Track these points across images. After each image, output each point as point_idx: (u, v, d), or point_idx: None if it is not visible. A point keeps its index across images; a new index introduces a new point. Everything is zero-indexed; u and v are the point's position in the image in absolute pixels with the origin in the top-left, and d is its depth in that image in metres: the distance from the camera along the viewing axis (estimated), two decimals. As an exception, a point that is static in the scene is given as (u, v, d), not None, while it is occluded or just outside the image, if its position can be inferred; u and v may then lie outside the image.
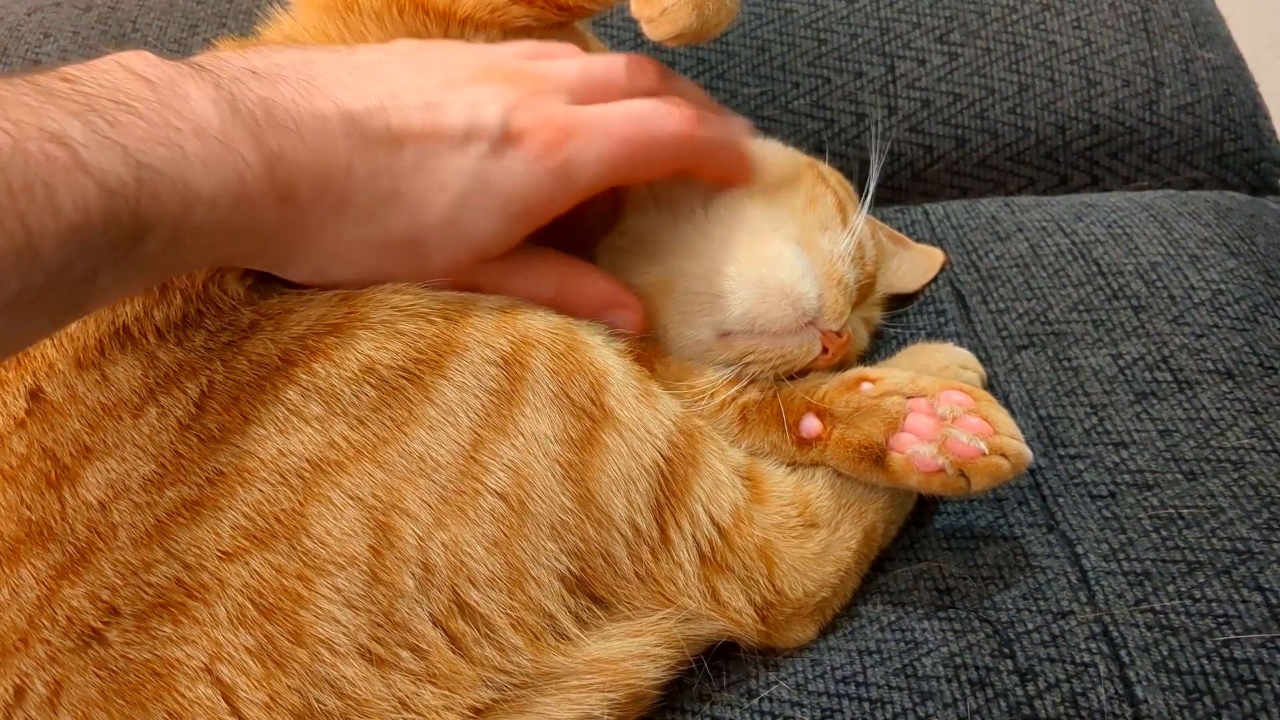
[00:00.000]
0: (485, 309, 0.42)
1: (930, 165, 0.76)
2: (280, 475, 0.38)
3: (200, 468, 0.38)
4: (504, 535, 0.39)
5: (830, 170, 0.56)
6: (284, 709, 0.36)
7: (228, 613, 0.37)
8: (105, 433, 0.39)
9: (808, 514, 0.46)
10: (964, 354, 0.55)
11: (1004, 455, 0.44)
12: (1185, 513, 0.46)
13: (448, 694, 0.38)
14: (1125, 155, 0.75)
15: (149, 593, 0.37)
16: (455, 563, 0.38)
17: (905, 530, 0.50)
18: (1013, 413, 0.47)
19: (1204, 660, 0.41)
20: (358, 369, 0.39)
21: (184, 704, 0.36)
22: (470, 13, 0.48)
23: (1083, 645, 0.42)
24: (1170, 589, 0.43)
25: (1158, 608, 0.43)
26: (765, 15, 0.79)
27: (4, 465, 0.39)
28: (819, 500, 0.47)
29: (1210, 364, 0.53)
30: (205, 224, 0.35)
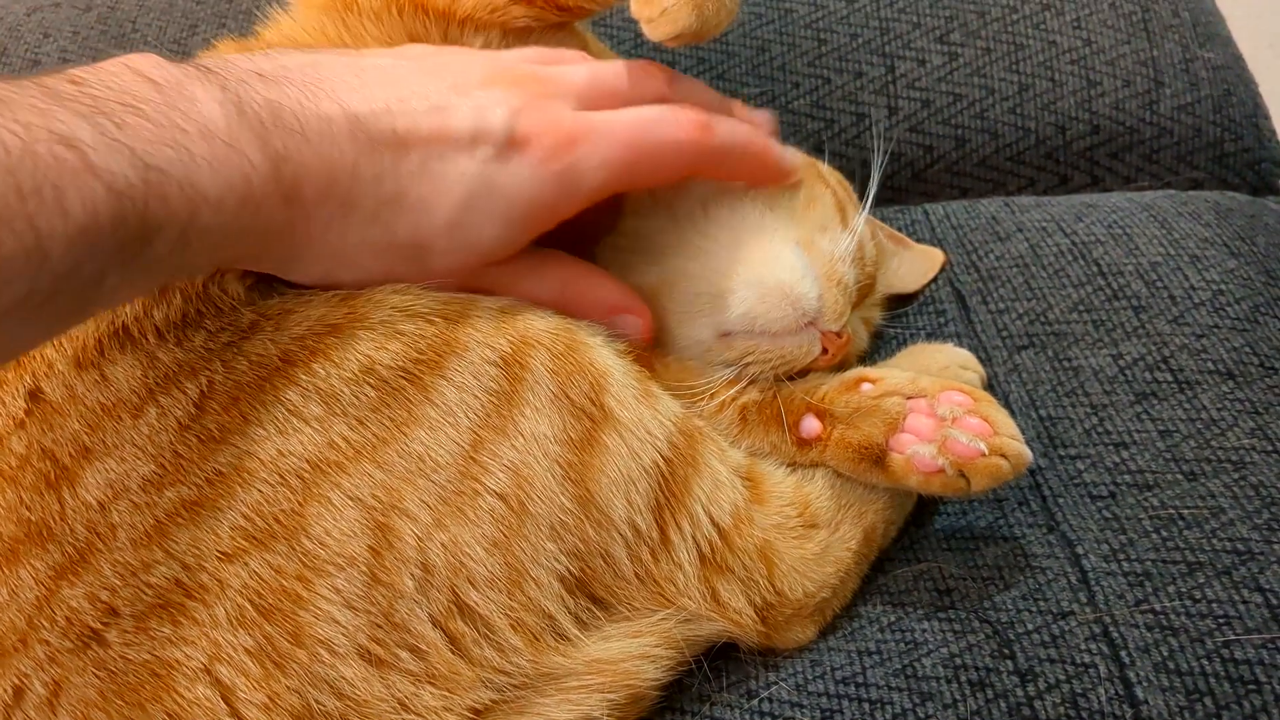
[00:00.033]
0: (485, 309, 0.42)
1: (930, 165, 0.76)
2: (280, 476, 0.38)
3: (200, 468, 0.38)
4: (503, 536, 0.39)
5: (830, 170, 0.56)
6: (283, 710, 0.36)
7: (227, 613, 0.37)
8: (105, 433, 0.38)
9: (808, 514, 0.46)
10: (964, 354, 0.55)
11: (1004, 456, 0.44)
12: (1186, 513, 0.46)
13: (447, 695, 0.38)
14: (1125, 155, 0.75)
15: (148, 593, 0.37)
16: (455, 563, 0.38)
17: (905, 531, 0.50)
18: (1013, 413, 0.47)
19: (1204, 661, 0.41)
20: (357, 369, 0.39)
21: (183, 704, 0.36)
22: (470, 13, 0.48)
23: (1083, 646, 0.42)
24: (1171, 589, 0.43)
25: (1158, 608, 0.43)
26: (765, 15, 0.79)
27: (3, 466, 0.39)
28: (819, 501, 0.47)
29: (1211, 364, 0.53)
30: (212, 225, 0.35)
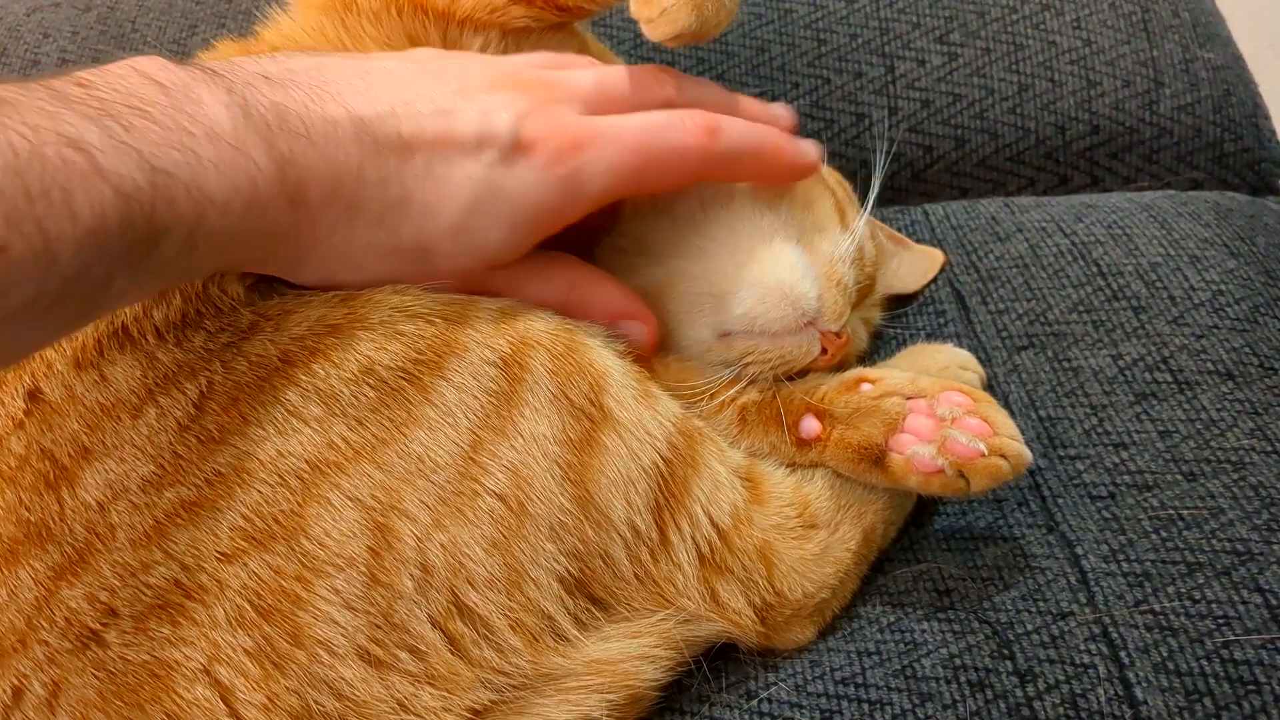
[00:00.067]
0: (485, 310, 0.42)
1: (930, 166, 0.76)
2: (279, 476, 0.38)
3: (199, 469, 0.38)
4: (503, 536, 0.39)
5: (829, 170, 0.56)
6: (282, 710, 0.36)
7: (226, 614, 0.37)
8: (104, 433, 0.38)
9: (807, 515, 0.46)
10: (964, 355, 0.55)
11: (1003, 456, 0.44)
12: (1185, 514, 0.46)
13: (446, 695, 0.38)
14: (1125, 156, 0.75)
15: (147, 594, 0.37)
16: (454, 564, 0.38)
17: (905, 531, 0.50)
18: (1012, 413, 0.47)
19: (1204, 661, 0.41)
20: (357, 370, 0.39)
21: (182, 705, 0.36)
22: (469, 13, 0.48)
23: (1082, 646, 0.42)
24: (1170, 590, 0.43)
25: (1158, 609, 0.43)
26: (765, 15, 0.79)
27: (2, 466, 0.39)
28: (818, 501, 0.47)
29: (1210, 365, 0.53)
30: (218, 228, 0.35)
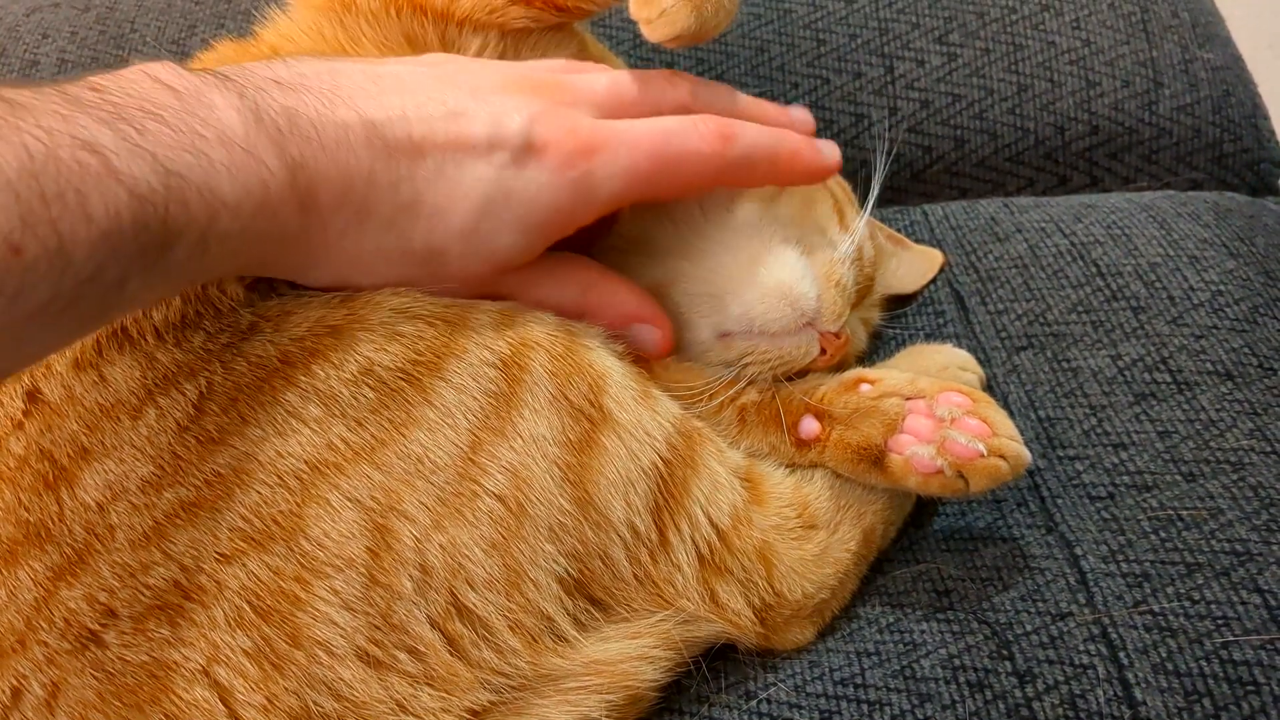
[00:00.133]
0: (484, 312, 0.42)
1: (929, 166, 0.76)
2: (278, 477, 0.38)
3: (198, 469, 0.38)
4: (502, 537, 0.39)
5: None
6: (281, 711, 0.36)
7: (225, 615, 0.37)
8: (103, 434, 0.38)
9: (806, 515, 0.46)
10: (963, 355, 0.55)
11: (1002, 457, 0.44)
12: (1184, 514, 0.46)
13: (445, 696, 0.38)
14: (1124, 156, 0.75)
15: (146, 594, 0.37)
16: (453, 565, 0.38)
17: (904, 532, 0.50)
18: (1011, 414, 0.47)
19: (1203, 662, 0.41)
20: (356, 371, 0.39)
21: (181, 706, 0.36)
22: (468, 13, 0.48)
23: (1081, 647, 0.42)
24: (1169, 590, 0.43)
25: (1157, 609, 0.43)
26: (764, 16, 0.79)
27: (2, 467, 0.39)
28: (818, 502, 0.47)
29: (1209, 365, 0.53)
30: (230, 230, 0.35)
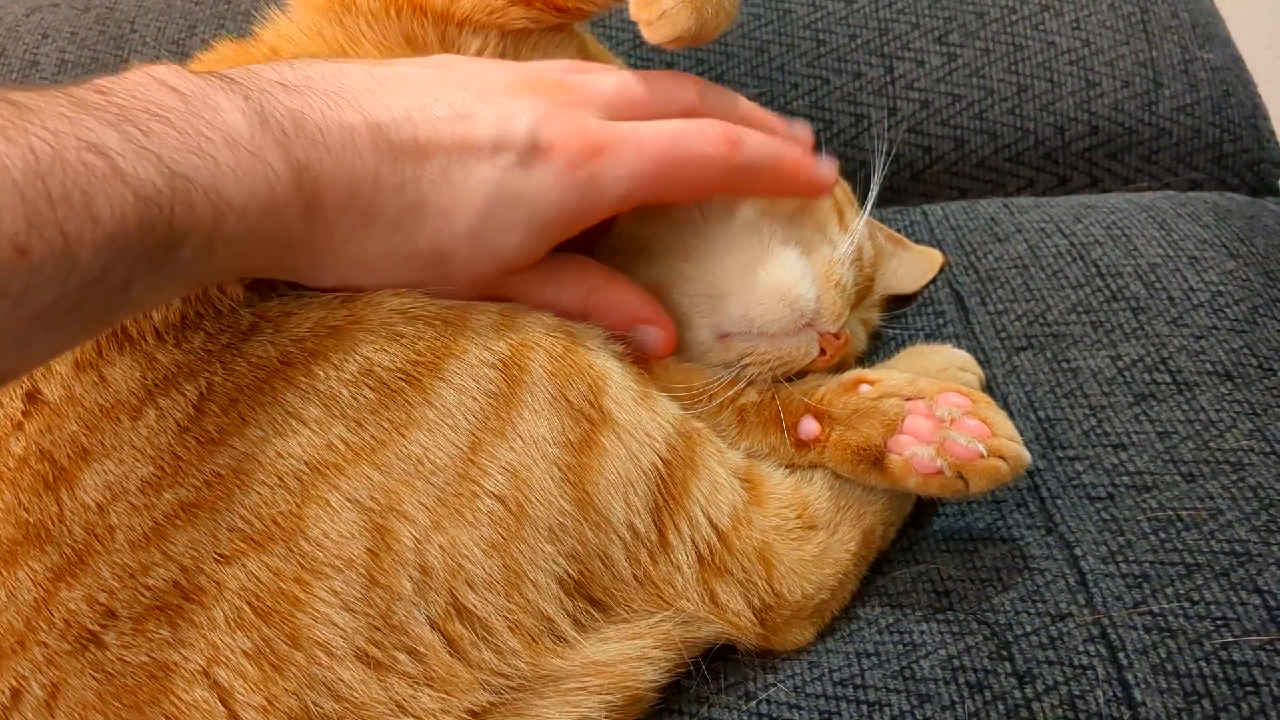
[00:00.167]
0: (484, 312, 0.42)
1: (929, 166, 0.76)
2: (278, 478, 0.38)
3: (198, 470, 0.38)
4: (502, 538, 0.39)
5: (828, 171, 0.56)
6: (281, 712, 0.36)
7: (225, 615, 0.37)
8: (103, 434, 0.38)
9: (806, 516, 0.46)
10: (963, 355, 0.55)
11: (1002, 457, 0.44)
12: (1184, 515, 0.46)
13: (445, 697, 0.38)
14: (1124, 156, 0.75)
15: (146, 595, 0.37)
16: (453, 565, 0.38)
17: (904, 532, 0.50)
18: (1011, 414, 0.47)
19: (1202, 663, 0.41)
20: (356, 371, 0.39)
21: (181, 707, 0.36)
22: (468, 14, 0.48)
23: (1081, 648, 0.42)
24: (1169, 591, 0.43)
25: (1156, 610, 0.43)
26: (764, 16, 0.79)
27: (1, 467, 0.39)
28: (817, 502, 0.47)
29: (1209, 365, 0.53)
30: (235, 233, 0.35)
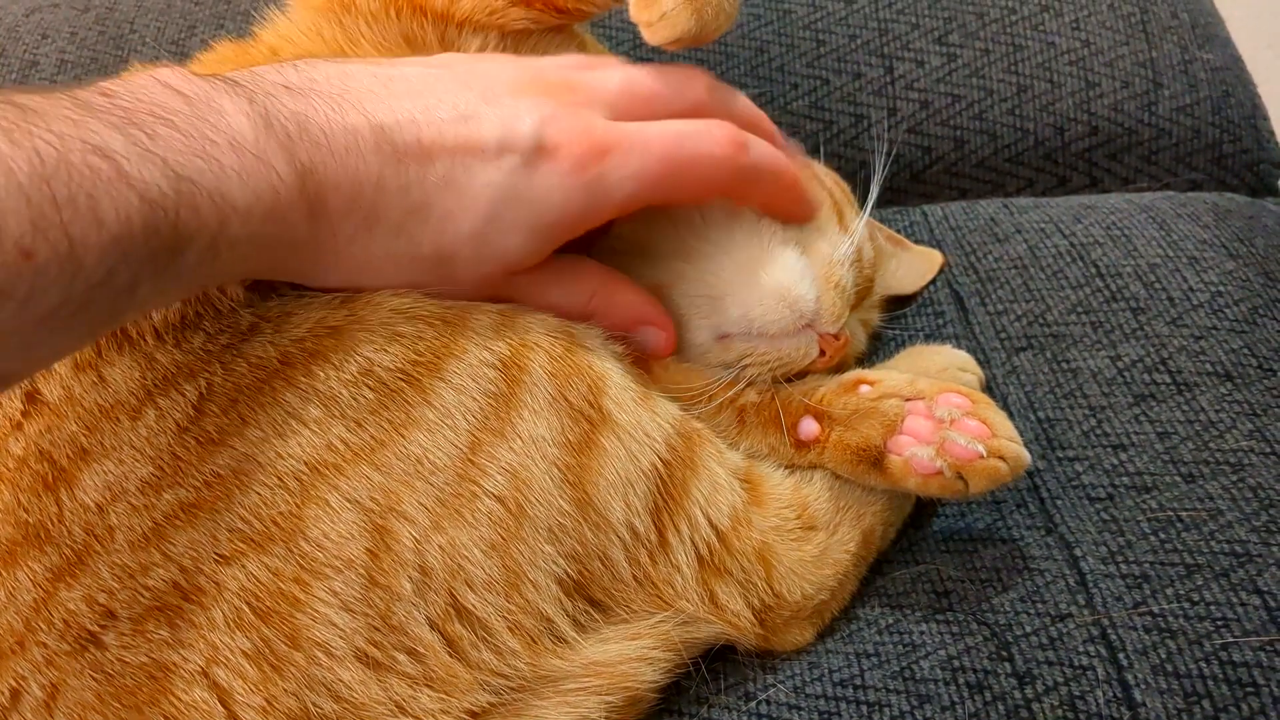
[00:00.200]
0: (484, 312, 0.42)
1: (929, 166, 0.76)
2: (278, 478, 0.38)
3: (198, 470, 0.38)
4: (501, 538, 0.39)
5: (826, 170, 0.56)
6: (280, 712, 0.36)
7: (224, 616, 0.36)
8: (103, 435, 0.38)
9: (806, 516, 0.46)
10: (962, 356, 0.55)
11: (1002, 458, 0.44)
12: (1184, 515, 0.46)
13: (445, 697, 0.38)
14: (1124, 157, 0.75)
15: (146, 596, 0.37)
16: (452, 566, 0.38)
17: (903, 533, 0.50)
18: (1011, 415, 0.47)
19: (1202, 663, 0.41)
20: (356, 371, 0.39)
21: (180, 707, 0.36)
22: (468, 15, 0.48)
23: (1081, 648, 0.42)
24: (1169, 592, 0.43)
25: (1156, 610, 0.43)
26: (764, 16, 0.79)
27: (1, 468, 0.39)
28: (817, 503, 0.47)
29: (1209, 366, 0.53)
30: (240, 236, 0.35)
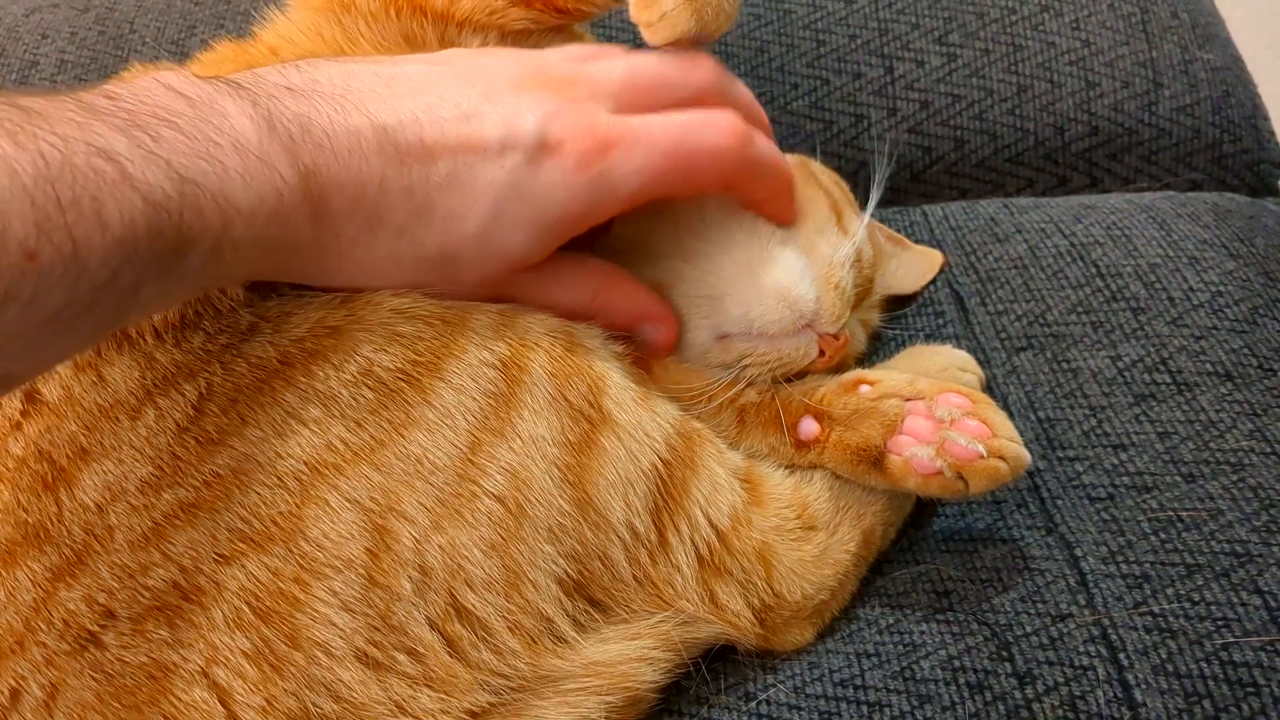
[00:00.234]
0: (484, 312, 0.42)
1: (929, 167, 0.76)
2: (277, 478, 0.38)
3: (198, 470, 0.38)
4: (501, 538, 0.39)
5: (824, 169, 0.56)
6: (280, 712, 0.36)
7: (224, 616, 0.36)
8: (102, 434, 0.38)
9: (806, 516, 0.46)
10: (962, 356, 0.55)
11: (1002, 458, 0.44)
12: (1184, 515, 0.46)
13: (444, 698, 0.37)
14: (1124, 157, 0.75)
15: (145, 596, 0.37)
16: (452, 566, 0.38)
17: (903, 533, 0.50)
18: (1011, 415, 0.47)
19: (1203, 663, 0.41)
20: (356, 371, 0.39)
21: (180, 708, 0.36)
22: (468, 14, 0.48)
23: (1081, 648, 0.42)
24: (1169, 592, 0.43)
25: (1157, 610, 0.43)
26: (764, 16, 0.79)
27: (0, 467, 0.39)
28: (817, 503, 0.46)
29: (1209, 366, 0.53)
30: (244, 238, 0.35)
